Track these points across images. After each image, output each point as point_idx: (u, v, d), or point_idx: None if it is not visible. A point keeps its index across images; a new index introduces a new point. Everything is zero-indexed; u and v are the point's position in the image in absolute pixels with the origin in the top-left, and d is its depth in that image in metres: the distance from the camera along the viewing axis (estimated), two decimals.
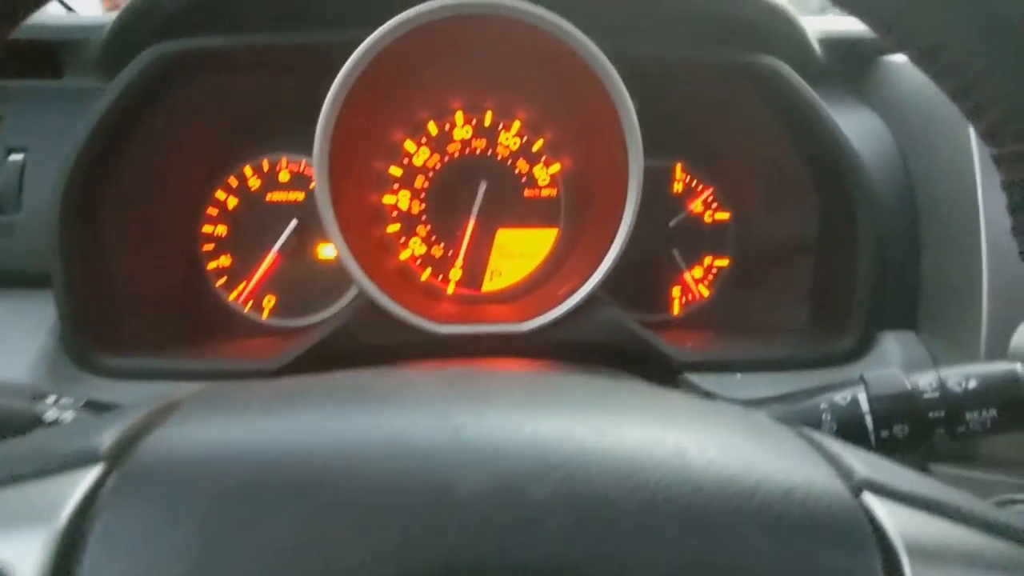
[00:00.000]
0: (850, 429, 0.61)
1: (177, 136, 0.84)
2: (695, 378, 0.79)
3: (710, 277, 1.03)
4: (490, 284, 1.01)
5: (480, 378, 0.41)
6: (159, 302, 0.89)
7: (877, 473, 0.24)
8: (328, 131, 0.72)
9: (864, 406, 0.60)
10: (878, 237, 0.76)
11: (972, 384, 0.59)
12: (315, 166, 0.73)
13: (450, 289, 1.00)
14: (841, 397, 0.62)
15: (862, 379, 0.63)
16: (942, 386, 0.61)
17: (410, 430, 0.23)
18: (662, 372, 0.80)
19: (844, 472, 0.24)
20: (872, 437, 0.60)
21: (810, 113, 0.76)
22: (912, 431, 0.60)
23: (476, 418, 0.25)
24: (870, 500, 0.22)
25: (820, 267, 0.84)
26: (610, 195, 0.87)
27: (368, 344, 0.83)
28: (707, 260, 1.03)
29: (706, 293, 1.03)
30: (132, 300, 0.83)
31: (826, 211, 0.82)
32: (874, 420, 0.60)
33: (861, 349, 0.78)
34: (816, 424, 0.62)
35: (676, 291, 1.03)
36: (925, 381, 0.60)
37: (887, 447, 0.63)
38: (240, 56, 0.75)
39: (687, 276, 1.02)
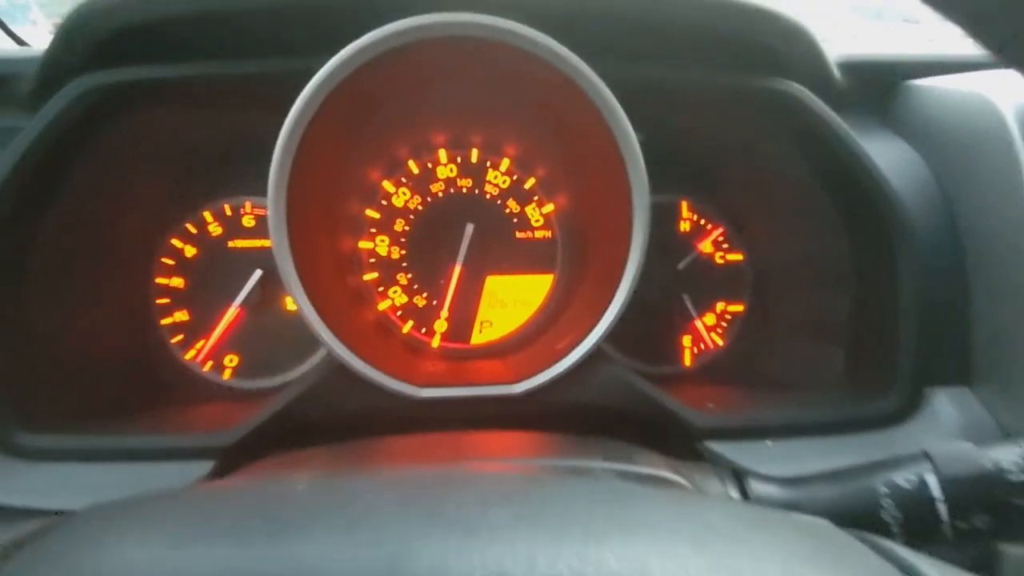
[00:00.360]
0: (919, 519, 0.50)
1: (119, 179, 0.75)
2: (718, 446, 0.68)
3: (724, 324, 0.93)
4: (479, 336, 0.90)
5: (446, 487, 0.31)
6: (100, 366, 0.78)
7: None
8: (284, 170, 0.63)
9: (935, 491, 0.50)
10: (922, 277, 0.66)
11: None
12: (270, 209, 0.64)
13: (435, 343, 0.89)
14: (905, 479, 0.52)
15: (927, 456, 0.52)
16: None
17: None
18: (680, 440, 0.70)
19: None
20: (947, 529, 0.49)
21: (835, 142, 0.68)
22: (997, 521, 0.50)
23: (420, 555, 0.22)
24: None
25: (856, 313, 0.74)
26: (612, 236, 0.77)
27: (339, 412, 0.72)
28: (720, 306, 0.93)
29: (720, 342, 0.93)
30: (65, 366, 0.72)
31: (860, 249, 0.72)
32: (949, 509, 0.49)
33: (909, 409, 0.68)
34: (875, 511, 0.52)
35: (687, 340, 0.93)
36: (1008, 458, 0.50)
37: (965, 539, 0.52)
38: (185, 88, 0.66)
39: (698, 324, 0.92)
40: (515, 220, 0.90)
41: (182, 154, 0.80)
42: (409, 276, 0.90)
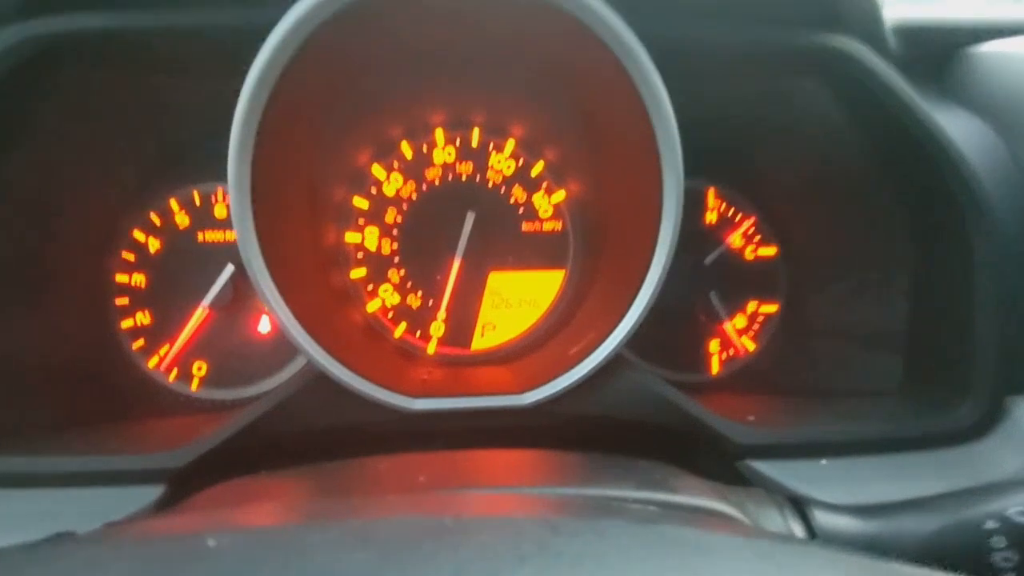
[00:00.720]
0: None
1: (68, 156, 0.65)
2: (763, 467, 0.58)
3: (755, 327, 0.83)
4: (481, 341, 0.80)
5: (435, 543, 0.22)
6: (47, 376, 0.68)
7: None
8: (246, 145, 0.53)
9: None
10: (1000, 267, 0.56)
11: None
12: (232, 192, 0.54)
13: (431, 348, 0.79)
14: (1018, 511, 0.41)
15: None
16: None
17: None
18: (715, 459, 0.59)
19: None
20: None
21: (899, 108, 0.58)
22: None
23: None
24: None
25: (918, 311, 0.64)
26: (632, 227, 0.67)
27: (319, 428, 0.62)
28: (751, 306, 0.83)
29: (751, 347, 0.83)
30: (3, 376, 0.62)
31: (924, 236, 0.62)
32: None
33: (987, 421, 0.57)
34: (982, 550, 0.42)
35: (714, 345, 0.83)
36: None
37: None
38: (138, 44, 0.56)
39: (727, 326, 0.82)
40: (521, 210, 0.80)
41: (142, 129, 0.70)
42: (402, 273, 0.79)
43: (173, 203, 0.76)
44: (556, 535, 0.23)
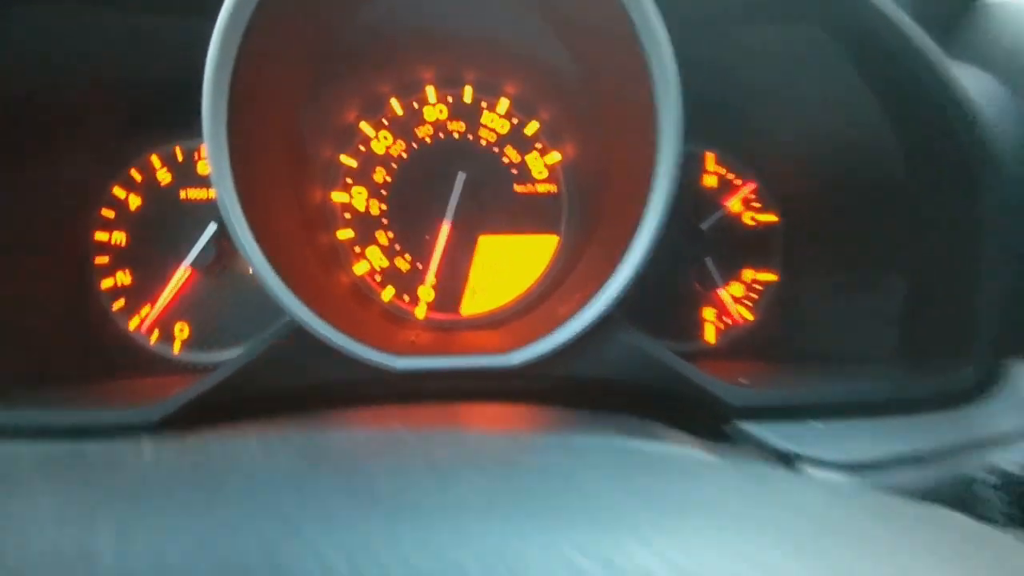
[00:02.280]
0: None
1: (39, 107, 0.63)
2: (755, 428, 0.56)
3: (753, 296, 0.81)
4: (471, 306, 0.78)
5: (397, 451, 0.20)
6: (26, 333, 0.66)
7: None
8: (221, 86, 0.51)
9: None
10: (1009, 228, 0.54)
11: None
12: (207, 144, 0.51)
13: (419, 312, 0.77)
14: (1013, 462, 0.40)
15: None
16: None
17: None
18: (707, 421, 0.57)
19: None
20: None
21: (912, 55, 0.55)
22: None
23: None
24: None
25: (920, 270, 0.62)
26: (628, 190, 0.65)
27: (299, 385, 0.60)
28: (748, 274, 0.80)
29: (749, 316, 0.81)
30: None
31: (928, 191, 0.60)
32: None
33: (987, 384, 0.55)
34: (975, 503, 0.40)
35: (709, 313, 0.81)
36: None
37: None
38: None
39: (723, 294, 0.80)
40: (514, 171, 0.78)
41: (120, 76, 0.67)
42: (390, 235, 0.77)
43: (154, 159, 0.74)
44: (521, 450, 0.21)
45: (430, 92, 0.76)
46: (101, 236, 0.74)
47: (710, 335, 0.81)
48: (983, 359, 0.56)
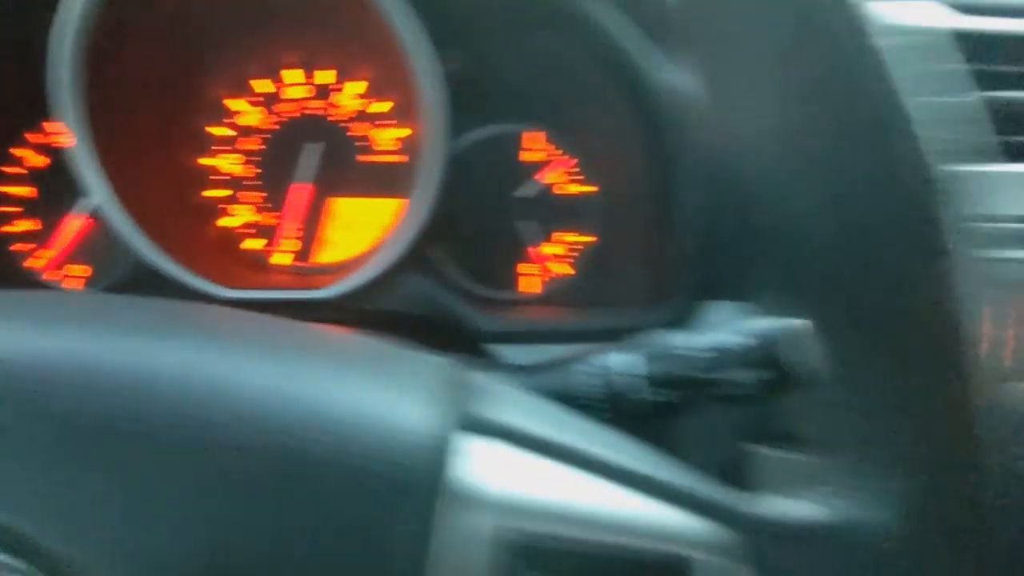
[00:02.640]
0: (622, 396, 0.51)
1: None
2: (502, 350, 0.69)
3: (573, 253, 0.93)
4: (322, 256, 0.92)
5: None
6: None
7: None
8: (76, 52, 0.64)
9: (641, 369, 0.51)
10: (697, 185, 0.66)
11: (751, 342, 0.51)
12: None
13: (275, 260, 0.91)
14: (617, 361, 0.53)
15: (642, 343, 0.54)
16: (721, 347, 0.53)
17: None
18: (466, 343, 0.71)
19: None
20: (648, 405, 0.51)
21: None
22: (688, 393, 0.52)
23: None
24: None
25: (655, 228, 0.75)
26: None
27: None
28: (567, 235, 0.93)
29: (571, 271, 0.93)
30: None
31: (655, 164, 0.72)
32: (650, 383, 0.51)
33: (678, 320, 0.68)
34: (591, 391, 0.53)
35: (534, 268, 0.93)
36: (705, 341, 0.51)
37: (664, 412, 0.54)
38: None
39: (544, 251, 0.92)
40: (365, 143, 0.91)
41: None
42: (258, 196, 0.91)
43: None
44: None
45: (288, 75, 0.89)
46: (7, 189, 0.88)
47: (535, 286, 0.94)
48: (678, 300, 0.68)
